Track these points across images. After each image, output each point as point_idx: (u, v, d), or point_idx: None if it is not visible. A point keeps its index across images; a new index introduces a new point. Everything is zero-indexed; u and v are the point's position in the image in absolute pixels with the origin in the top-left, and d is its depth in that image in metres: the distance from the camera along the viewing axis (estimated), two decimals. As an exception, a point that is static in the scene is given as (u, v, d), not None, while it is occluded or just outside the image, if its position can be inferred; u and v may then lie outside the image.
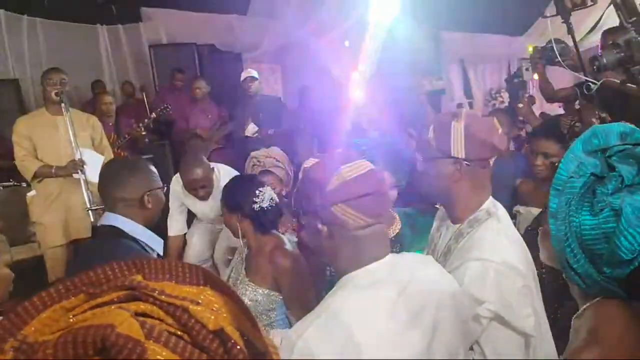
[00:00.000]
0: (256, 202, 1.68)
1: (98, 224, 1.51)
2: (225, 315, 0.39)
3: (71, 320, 0.37)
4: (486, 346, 1.16)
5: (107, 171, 1.55)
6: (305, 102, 5.78)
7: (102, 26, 6.09)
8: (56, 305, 0.38)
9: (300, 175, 1.15)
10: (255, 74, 4.71)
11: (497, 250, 1.20)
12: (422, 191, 1.43)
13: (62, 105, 2.97)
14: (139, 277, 0.40)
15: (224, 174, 2.64)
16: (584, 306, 0.85)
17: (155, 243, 1.49)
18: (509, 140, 2.71)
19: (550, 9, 6.14)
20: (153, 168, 1.56)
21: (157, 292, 0.38)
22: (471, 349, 1.18)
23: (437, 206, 1.55)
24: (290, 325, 1.63)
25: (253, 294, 1.68)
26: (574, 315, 0.88)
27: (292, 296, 1.65)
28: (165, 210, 1.67)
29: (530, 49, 6.23)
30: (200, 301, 0.38)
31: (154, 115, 4.54)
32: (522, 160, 2.84)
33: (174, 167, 4.49)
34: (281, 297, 1.69)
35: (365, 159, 1.10)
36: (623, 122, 0.84)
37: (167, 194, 1.71)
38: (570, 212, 0.79)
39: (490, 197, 1.34)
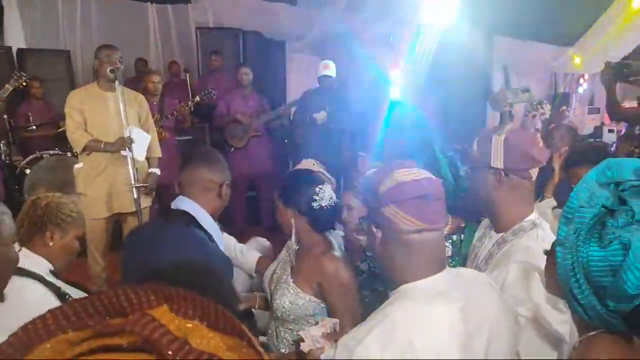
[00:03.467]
0: (316, 200, 1.63)
1: (172, 206, 1.54)
2: None
3: None
4: (519, 347, 1.19)
5: (199, 152, 1.61)
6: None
7: (152, 4, 6.19)
8: (60, 336, 0.34)
9: (361, 184, 1.18)
10: (332, 65, 4.64)
11: (540, 257, 1.22)
12: (467, 201, 1.50)
13: (116, 82, 3.04)
14: (164, 309, 0.35)
15: None
16: (582, 338, 0.86)
17: (218, 236, 1.52)
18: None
19: (602, 22, 5.94)
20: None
21: (175, 346, 0.32)
22: None
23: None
24: None
25: (294, 297, 1.65)
26: (572, 347, 0.88)
27: (337, 304, 1.61)
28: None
29: (577, 60, 6.02)
30: None
31: (197, 98, 4.59)
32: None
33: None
34: (323, 305, 1.66)
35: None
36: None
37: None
38: (578, 242, 0.79)
39: (536, 212, 1.40)
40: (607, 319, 0.78)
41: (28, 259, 1.57)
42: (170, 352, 0.31)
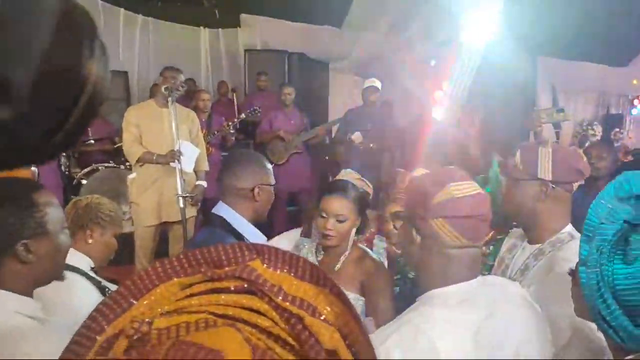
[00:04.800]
0: (368, 206, 1.71)
1: (212, 211, 1.61)
2: (341, 329, 0.36)
3: (185, 302, 0.36)
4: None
5: (227, 160, 1.66)
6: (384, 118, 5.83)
7: (204, 29, 6.55)
8: (174, 280, 0.38)
9: (405, 183, 1.19)
10: (378, 84, 4.81)
11: None
12: (505, 213, 1.49)
13: (169, 99, 3.25)
14: (257, 262, 0.39)
15: None
16: None
17: (257, 240, 1.54)
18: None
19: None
20: (269, 165, 1.63)
21: (275, 290, 0.36)
22: None
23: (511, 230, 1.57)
24: None
25: None
26: None
27: (376, 303, 1.65)
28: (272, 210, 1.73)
29: (635, 82, 5.81)
30: (317, 306, 0.36)
31: (243, 115, 4.79)
32: None
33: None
34: (362, 301, 1.70)
35: None
36: None
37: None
38: (602, 260, 0.76)
39: (570, 224, 1.39)
40: None
41: (72, 256, 1.63)
42: (271, 295, 0.36)
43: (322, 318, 0.36)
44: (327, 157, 5.61)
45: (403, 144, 4.34)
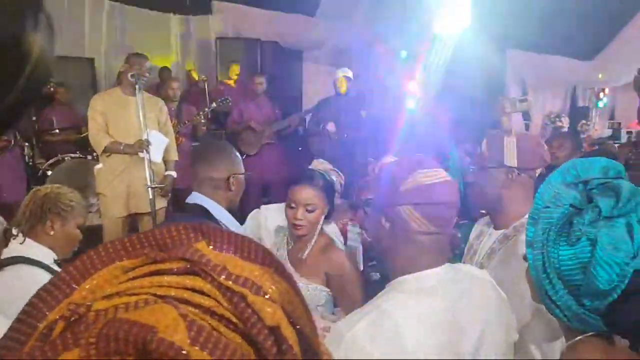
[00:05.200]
0: (336, 194, 1.71)
1: (186, 202, 1.61)
2: (285, 307, 0.37)
3: (127, 284, 0.36)
4: (529, 337, 1.21)
5: (198, 151, 1.66)
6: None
7: (174, 15, 6.38)
8: (117, 263, 0.37)
9: (376, 170, 1.18)
10: (350, 74, 4.77)
11: None
12: (472, 200, 1.54)
13: (136, 87, 3.15)
14: (202, 244, 0.38)
15: None
16: (567, 343, 0.84)
17: (234, 227, 1.56)
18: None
19: (622, 36, 5.89)
20: (238, 154, 1.66)
21: (218, 269, 0.36)
22: None
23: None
24: None
25: (305, 290, 1.68)
26: (560, 353, 0.87)
27: (343, 293, 1.66)
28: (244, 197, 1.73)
29: (600, 76, 6.00)
30: (262, 285, 0.36)
31: (214, 105, 4.71)
32: None
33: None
34: (330, 294, 1.70)
35: None
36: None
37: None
38: (548, 242, 0.79)
39: None
40: (585, 318, 0.77)
41: (32, 248, 1.61)
42: (214, 274, 0.36)
43: (266, 297, 0.36)
44: (300, 148, 5.58)
45: (376, 134, 4.35)
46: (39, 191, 1.73)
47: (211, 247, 0.39)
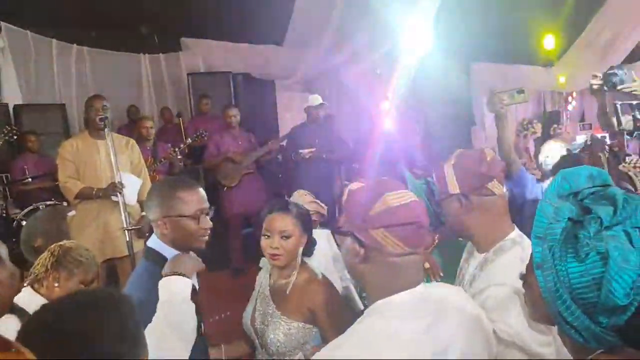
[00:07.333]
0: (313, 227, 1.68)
1: (145, 243, 1.58)
2: None
3: None
4: None
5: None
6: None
7: (144, 55, 6.41)
8: None
9: (344, 197, 1.16)
10: (319, 99, 4.86)
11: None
12: (447, 228, 1.49)
13: (105, 130, 3.12)
14: None
15: None
16: None
17: None
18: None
19: (581, 41, 6.12)
20: (184, 193, 1.49)
21: None
22: None
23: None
24: None
25: (287, 328, 1.63)
26: None
27: (331, 329, 1.58)
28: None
29: (562, 79, 6.16)
30: None
31: (189, 140, 4.69)
32: None
33: (207, 190, 4.60)
34: (315, 330, 1.64)
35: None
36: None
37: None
38: (555, 260, 0.75)
39: (517, 230, 1.37)
40: (602, 336, 0.73)
41: (29, 297, 1.65)
42: None
43: None
44: (280, 175, 5.57)
45: (352, 157, 4.38)
46: (56, 246, 1.80)
47: None
